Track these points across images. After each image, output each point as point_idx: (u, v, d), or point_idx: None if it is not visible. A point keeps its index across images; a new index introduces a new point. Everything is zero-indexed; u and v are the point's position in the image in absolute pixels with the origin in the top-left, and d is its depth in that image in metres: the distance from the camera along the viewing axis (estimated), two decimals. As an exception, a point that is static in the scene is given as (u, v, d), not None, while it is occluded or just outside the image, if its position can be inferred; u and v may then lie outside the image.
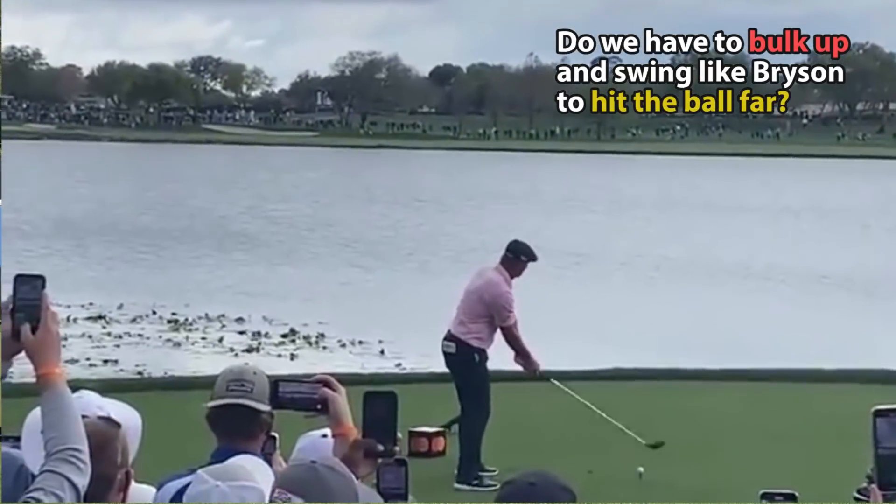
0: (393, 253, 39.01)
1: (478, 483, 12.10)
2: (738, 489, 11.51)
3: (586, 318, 25.48)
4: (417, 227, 48.28)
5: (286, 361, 20.65)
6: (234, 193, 64.00)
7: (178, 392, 15.26)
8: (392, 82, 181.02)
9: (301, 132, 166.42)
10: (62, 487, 3.60)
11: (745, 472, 12.32)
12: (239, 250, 39.11)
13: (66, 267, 32.69)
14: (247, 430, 4.93)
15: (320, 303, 27.64)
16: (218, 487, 4.10)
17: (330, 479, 3.64)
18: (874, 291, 31.42)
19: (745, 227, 49.30)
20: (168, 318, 24.56)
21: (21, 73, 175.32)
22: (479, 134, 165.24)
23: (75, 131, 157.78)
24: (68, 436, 3.67)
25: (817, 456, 12.86)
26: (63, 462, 3.63)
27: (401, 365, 19.88)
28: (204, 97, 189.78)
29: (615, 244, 41.59)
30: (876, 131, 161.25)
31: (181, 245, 40.35)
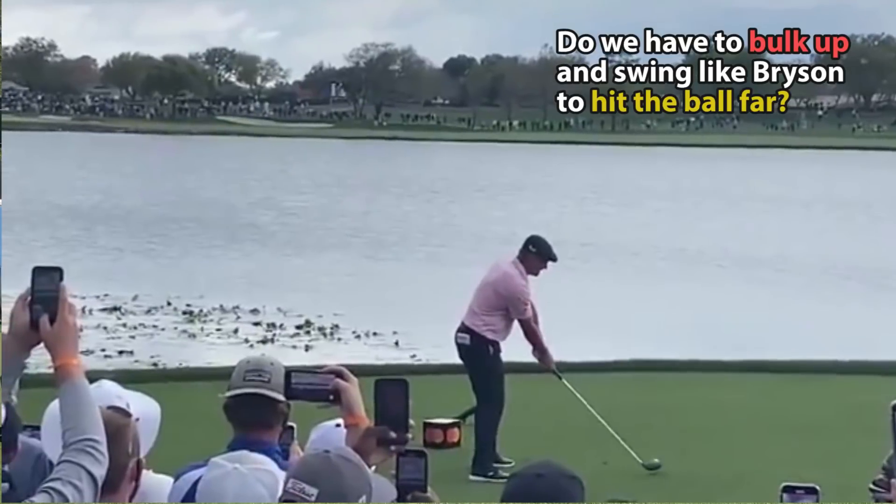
0: (407, 244, 39.03)
1: (493, 475, 12.10)
2: (755, 481, 11.52)
3: (602, 310, 25.47)
4: (431, 218, 48.29)
5: (301, 353, 20.66)
6: (248, 185, 64.08)
7: (194, 383, 15.29)
8: (406, 74, 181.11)
9: (315, 123, 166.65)
10: (80, 477, 3.60)
11: (763, 463, 12.30)
12: (253, 241, 39.14)
13: (80, 258, 32.74)
14: (264, 419, 4.94)
15: (335, 294, 27.64)
16: (236, 469, 4.12)
17: (343, 468, 3.64)
18: (890, 283, 31.33)
19: (760, 218, 49.22)
20: (183, 310, 24.59)
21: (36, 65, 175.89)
22: (494, 125, 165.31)
23: (90, 123, 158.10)
24: (86, 427, 3.67)
25: (835, 447, 12.84)
26: (81, 452, 3.63)
27: (415, 356, 19.88)
28: (218, 89, 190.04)
29: (629, 236, 41.54)
30: (891, 123, 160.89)
31: (195, 236, 40.40)
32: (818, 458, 12.26)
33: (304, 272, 31.98)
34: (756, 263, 34.79)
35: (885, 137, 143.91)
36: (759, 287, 30.45)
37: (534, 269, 12.53)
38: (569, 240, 33.27)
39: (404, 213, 49.91)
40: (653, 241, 39.94)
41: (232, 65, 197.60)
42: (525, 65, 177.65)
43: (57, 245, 35.95)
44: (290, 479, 3.67)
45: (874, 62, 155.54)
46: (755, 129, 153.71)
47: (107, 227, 42.52)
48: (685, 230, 43.59)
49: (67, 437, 3.66)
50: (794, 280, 31.88)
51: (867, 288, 30.79)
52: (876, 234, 43.25)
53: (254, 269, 32.23)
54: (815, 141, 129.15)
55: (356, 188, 63.33)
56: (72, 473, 3.60)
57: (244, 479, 4.09)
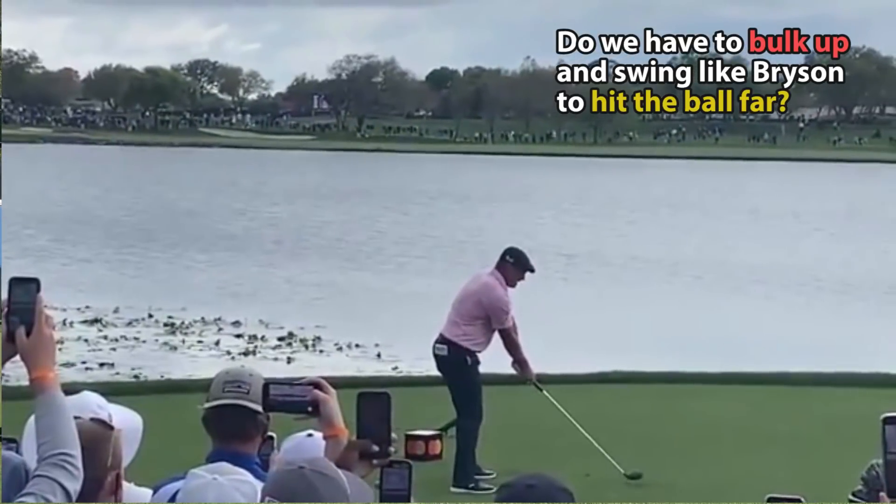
0: (389, 256, 39.00)
1: (474, 486, 12.09)
2: (738, 491, 11.52)
3: (581, 322, 25.48)
4: (414, 230, 48.27)
5: (283, 364, 20.63)
6: (230, 196, 64.00)
7: (175, 395, 15.23)
8: (389, 86, 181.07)
9: (298, 135, 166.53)
10: (53, 492, 3.58)
11: (745, 474, 12.32)
12: (235, 253, 39.08)
13: (61, 270, 32.66)
14: (243, 431, 4.92)
15: (317, 306, 27.62)
16: (215, 480, 4.10)
17: (319, 484, 3.60)
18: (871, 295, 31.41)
19: (741, 229, 49.32)
20: (164, 322, 24.53)
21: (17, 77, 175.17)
22: (476, 137, 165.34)
23: (72, 134, 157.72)
24: (61, 440, 3.65)
25: (815, 458, 12.86)
26: (55, 467, 3.61)
27: (397, 368, 19.87)
28: (200, 101, 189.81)
29: (609, 246, 41.61)
30: (872, 135, 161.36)
31: (177, 248, 40.31)
32: (799, 469, 12.28)
33: (287, 284, 31.94)
34: (738, 275, 34.83)
35: (865, 149, 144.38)
36: (740, 299, 30.50)
37: (511, 281, 12.54)
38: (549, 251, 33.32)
39: (387, 225, 49.89)
40: (633, 252, 39.99)
41: (214, 76, 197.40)
42: (507, 77, 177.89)
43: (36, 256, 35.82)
44: (266, 497, 3.63)
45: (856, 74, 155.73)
46: (737, 141, 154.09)
47: (88, 238, 42.42)
48: (665, 241, 43.63)
49: (42, 451, 3.64)
50: (775, 291, 31.92)
51: (849, 299, 30.86)
52: (857, 246, 43.36)
53: (235, 282, 32.17)
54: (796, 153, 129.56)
55: (339, 200, 63.29)
56: (45, 488, 3.58)
57: (223, 489, 4.07)
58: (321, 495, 3.58)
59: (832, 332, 24.93)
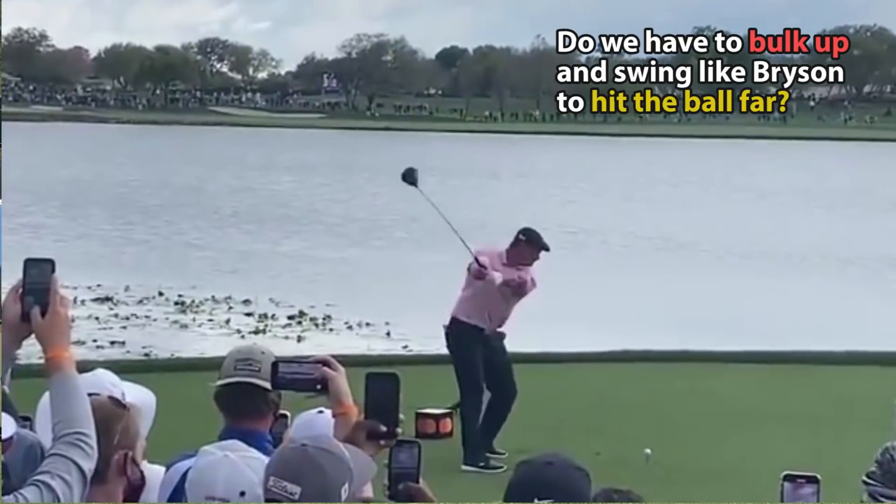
0: (399, 234, 38.97)
1: (485, 465, 12.09)
2: (748, 470, 11.53)
3: (593, 300, 25.45)
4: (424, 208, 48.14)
5: (293, 343, 20.65)
6: (240, 175, 63.98)
7: (185, 373, 15.25)
8: (399, 64, 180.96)
9: (307, 114, 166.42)
10: (69, 471, 3.59)
11: (755, 453, 12.31)
12: (245, 232, 39.10)
13: (72, 249, 32.69)
14: (255, 408, 4.92)
15: (327, 284, 27.62)
16: (227, 457, 4.11)
17: (324, 461, 3.61)
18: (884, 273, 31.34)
19: (752, 208, 49.25)
20: (175, 300, 24.56)
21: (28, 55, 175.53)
22: (486, 116, 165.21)
23: (82, 113, 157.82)
24: (76, 419, 3.66)
25: (827, 438, 12.85)
26: (70, 446, 3.62)
27: (407, 346, 19.87)
28: (210, 79, 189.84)
29: (619, 225, 41.55)
30: (883, 114, 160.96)
31: (187, 227, 40.34)
32: (810, 448, 12.26)
33: (297, 263, 31.94)
34: (748, 253, 34.80)
35: (876, 128, 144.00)
36: (750, 277, 30.45)
37: (527, 259, 12.53)
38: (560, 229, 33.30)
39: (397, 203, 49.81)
40: (643, 230, 39.95)
41: (224, 55, 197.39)
42: (517, 55, 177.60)
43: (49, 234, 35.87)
44: (270, 476, 3.63)
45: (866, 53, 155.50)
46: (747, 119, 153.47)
47: (98, 216, 42.46)
48: (676, 219, 43.56)
49: (57, 430, 3.65)
50: (786, 270, 31.88)
51: (861, 277, 30.81)
52: (869, 224, 43.29)
53: (246, 260, 32.18)
54: (807, 132, 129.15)
55: (349, 178, 63.25)
56: (61, 467, 3.59)
57: (235, 465, 4.09)
58: (326, 471, 3.60)
59: (845, 310, 24.89)
